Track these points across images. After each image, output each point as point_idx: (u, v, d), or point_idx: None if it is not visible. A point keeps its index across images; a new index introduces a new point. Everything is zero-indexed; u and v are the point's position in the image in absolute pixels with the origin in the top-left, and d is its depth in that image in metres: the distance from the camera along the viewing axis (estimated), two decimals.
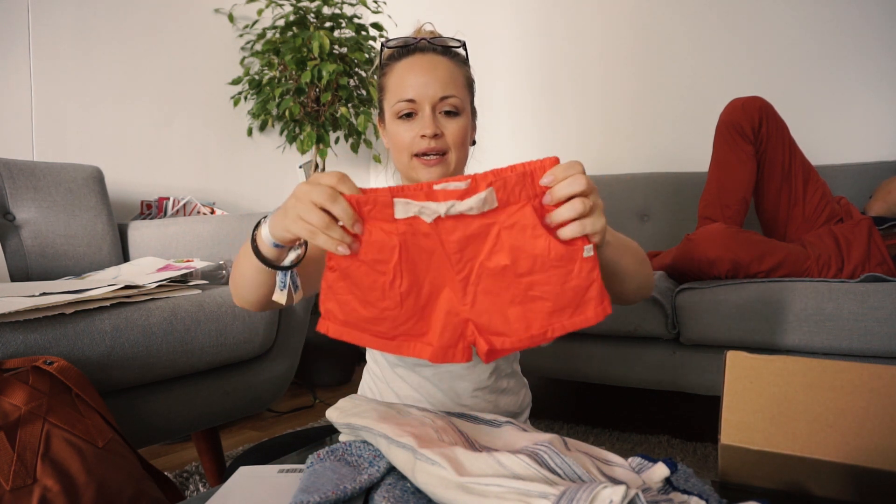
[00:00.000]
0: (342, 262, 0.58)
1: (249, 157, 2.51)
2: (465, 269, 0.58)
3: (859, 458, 0.54)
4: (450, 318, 0.59)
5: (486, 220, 0.57)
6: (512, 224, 0.56)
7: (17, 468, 0.68)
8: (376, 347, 0.61)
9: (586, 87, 2.55)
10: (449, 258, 0.58)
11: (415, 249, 0.57)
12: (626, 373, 1.59)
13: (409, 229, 0.57)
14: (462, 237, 0.57)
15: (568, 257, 0.56)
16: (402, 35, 0.89)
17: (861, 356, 1.32)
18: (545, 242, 0.56)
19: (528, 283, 0.57)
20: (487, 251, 0.57)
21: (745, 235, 1.50)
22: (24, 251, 1.43)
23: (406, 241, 0.57)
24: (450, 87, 0.83)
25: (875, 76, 2.04)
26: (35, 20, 1.81)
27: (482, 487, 0.46)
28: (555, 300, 0.57)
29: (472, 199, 0.55)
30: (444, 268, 0.58)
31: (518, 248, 0.56)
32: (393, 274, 0.57)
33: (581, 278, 0.56)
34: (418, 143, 0.82)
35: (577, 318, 0.57)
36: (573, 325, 0.58)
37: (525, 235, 0.56)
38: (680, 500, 0.48)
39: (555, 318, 0.58)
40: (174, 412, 1.14)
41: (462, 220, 0.56)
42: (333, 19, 2.35)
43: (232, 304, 1.20)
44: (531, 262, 0.56)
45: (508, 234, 0.56)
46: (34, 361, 0.80)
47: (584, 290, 0.57)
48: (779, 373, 0.61)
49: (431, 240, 0.57)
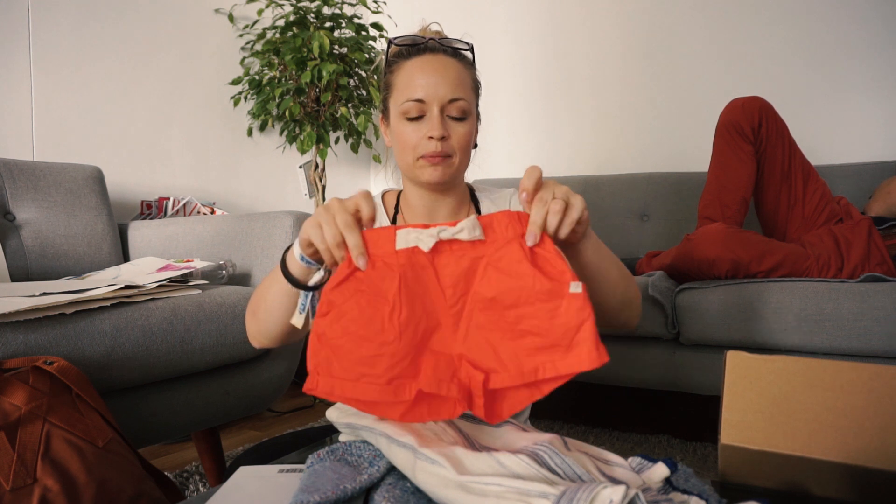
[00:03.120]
0: (339, 300, 0.58)
1: (249, 157, 2.51)
2: (457, 303, 0.60)
3: (859, 458, 0.54)
4: (441, 356, 0.58)
5: (476, 255, 0.60)
6: (499, 258, 0.59)
7: (17, 468, 0.68)
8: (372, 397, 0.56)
9: (586, 88, 2.55)
10: (443, 292, 0.60)
11: (413, 282, 0.59)
12: (626, 373, 1.59)
13: (409, 263, 0.59)
14: (455, 271, 0.60)
15: (555, 292, 0.56)
16: (410, 34, 0.87)
17: (861, 356, 1.32)
18: (531, 275, 0.57)
19: (516, 316, 0.57)
20: (477, 284, 0.59)
21: (745, 235, 1.50)
22: (24, 251, 1.43)
23: (405, 273, 0.59)
24: (459, 89, 0.82)
25: (874, 76, 2.04)
26: (35, 20, 1.81)
27: (482, 487, 0.46)
28: (544, 335, 0.56)
29: (461, 224, 0.59)
30: (438, 302, 0.60)
31: (504, 281, 0.58)
32: (392, 304, 0.58)
33: (570, 315, 0.55)
34: (425, 145, 0.82)
35: (570, 359, 0.55)
36: (566, 366, 0.55)
37: (511, 269, 0.58)
38: (680, 500, 0.48)
39: (545, 355, 0.56)
40: (174, 412, 1.14)
41: (455, 254, 0.60)
42: (333, 19, 2.35)
43: (232, 303, 1.20)
44: (517, 294, 0.57)
45: (496, 268, 0.59)
46: (34, 361, 0.80)
47: (575, 330, 0.55)
48: (779, 373, 0.61)
49: (428, 274, 0.60)
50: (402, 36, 0.86)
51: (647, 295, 1.50)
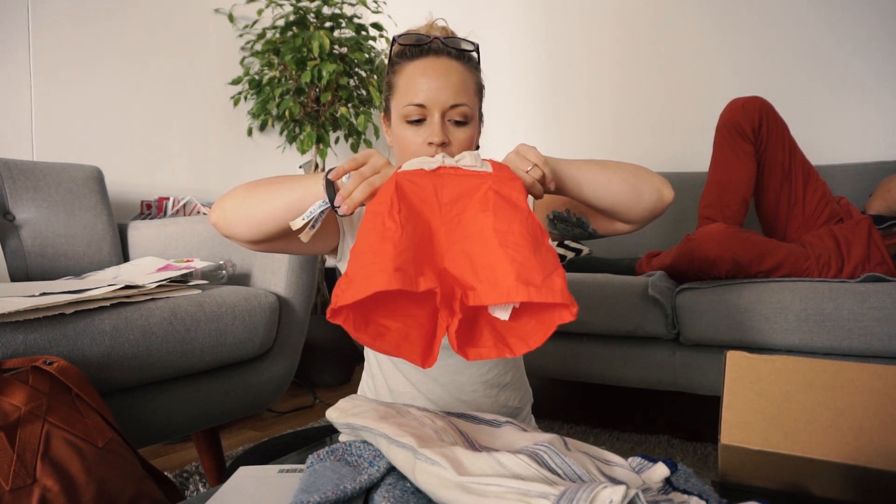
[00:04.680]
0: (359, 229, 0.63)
1: (249, 157, 2.51)
2: (452, 220, 0.64)
3: (859, 458, 0.54)
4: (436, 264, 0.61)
5: (478, 180, 0.65)
6: (502, 187, 0.64)
7: (16, 468, 0.68)
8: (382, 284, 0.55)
9: (585, 88, 2.55)
10: (440, 207, 0.64)
11: (409, 189, 0.64)
12: (626, 373, 1.59)
13: (407, 178, 0.65)
14: (455, 190, 0.65)
15: (541, 234, 0.62)
16: (414, 30, 0.86)
17: (861, 356, 1.32)
18: (527, 210, 0.62)
19: (503, 236, 0.60)
20: (474, 206, 0.64)
21: (745, 235, 1.50)
22: (24, 251, 1.43)
23: (401, 181, 0.64)
24: (461, 94, 0.81)
25: (875, 76, 2.04)
26: (35, 20, 1.81)
27: (482, 487, 0.46)
28: (523, 263, 0.58)
29: (464, 153, 0.66)
30: (433, 213, 0.64)
31: (503, 207, 0.62)
32: (391, 203, 0.62)
33: (549, 257, 0.60)
34: (425, 151, 0.81)
35: (544, 292, 0.56)
36: (539, 296, 0.56)
37: (512, 198, 0.63)
38: (680, 500, 0.48)
39: (521, 286, 0.56)
40: (174, 412, 1.14)
41: (458, 177, 0.65)
42: (333, 19, 2.35)
43: (232, 303, 1.20)
44: (511, 221, 0.61)
45: (498, 194, 0.64)
46: (34, 361, 0.80)
47: (551, 270, 0.58)
48: (779, 373, 0.61)
49: (426, 188, 0.65)
50: (406, 34, 0.85)
51: (647, 295, 1.50)
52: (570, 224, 0.88)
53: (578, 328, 1.59)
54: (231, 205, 0.79)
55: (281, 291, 1.35)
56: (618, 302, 1.54)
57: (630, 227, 0.85)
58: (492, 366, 0.88)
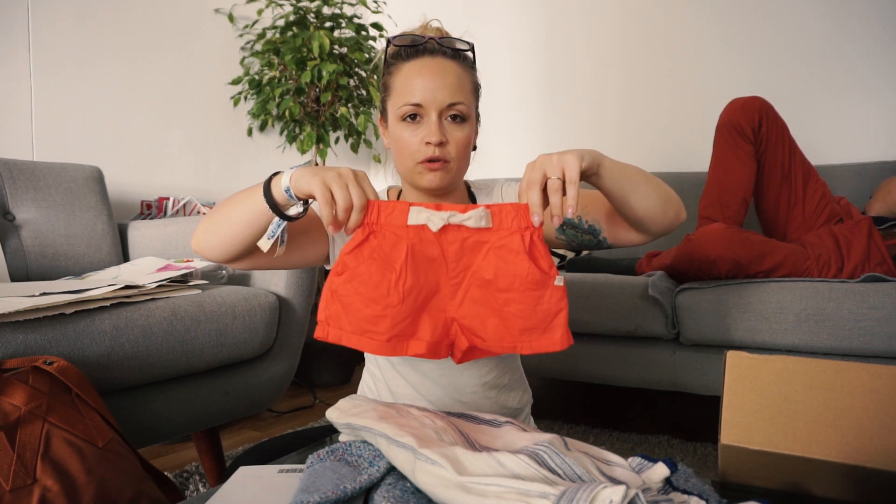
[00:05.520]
0: (353, 263, 0.67)
1: (249, 157, 2.51)
2: (458, 276, 0.69)
3: (859, 458, 0.54)
4: (439, 315, 0.69)
5: (481, 238, 0.68)
6: (501, 245, 0.67)
7: (16, 468, 0.68)
8: (372, 350, 0.68)
9: (585, 88, 2.55)
10: (447, 265, 0.69)
11: (419, 255, 0.68)
12: (626, 373, 1.59)
13: (417, 237, 0.68)
14: (460, 248, 0.68)
15: (542, 283, 0.66)
16: (409, 31, 0.86)
17: (861, 356, 1.32)
18: (526, 266, 0.66)
19: (506, 299, 0.67)
20: (478, 264, 0.68)
21: (745, 235, 1.50)
22: (24, 251, 1.43)
23: (413, 246, 0.68)
24: (458, 93, 0.81)
25: (875, 76, 2.04)
26: (35, 20, 1.81)
27: (482, 487, 0.46)
28: (525, 319, 0.67)
29: (470, 213, 0.67)
30: (441, 272, 0.69)
31: (502, 266, 0.67)
32: (399, 272, 0.66)
33: (551, 304, 0.66)
34: (423, 150, 0.81)
35: (545, 340, 0.67)
36: (540, 346, 0.67)
37: (510, 257, 0.67)
38: (680, 500, 0.48)
39: (524, 337, 0.67)
40: (174, 412, 1.14)
41: (461, 233, 0.68)
42: (333, 19, 2.35)
43: (232, 303, 1.20)
44: (511, 279, 0.66)
45: (497, 253, 0.67)
46: (34, 361, 0.80)
47: (553, 316, 0.67)
48: (779, 373, 0.61)
49: (434, 249, 0.68)
50: (401, 35, 0.84)
51: (647, 295, 1.50)
52: (581, 231, 0.87)
53: (578, 328, 1.59)
54: (201, 231, 0.80)
55: (281, 291, 1.35)
56: (618, 302, 1.54)
57: (645, 239, 0.84)
58: (491, 367, 0.88)
